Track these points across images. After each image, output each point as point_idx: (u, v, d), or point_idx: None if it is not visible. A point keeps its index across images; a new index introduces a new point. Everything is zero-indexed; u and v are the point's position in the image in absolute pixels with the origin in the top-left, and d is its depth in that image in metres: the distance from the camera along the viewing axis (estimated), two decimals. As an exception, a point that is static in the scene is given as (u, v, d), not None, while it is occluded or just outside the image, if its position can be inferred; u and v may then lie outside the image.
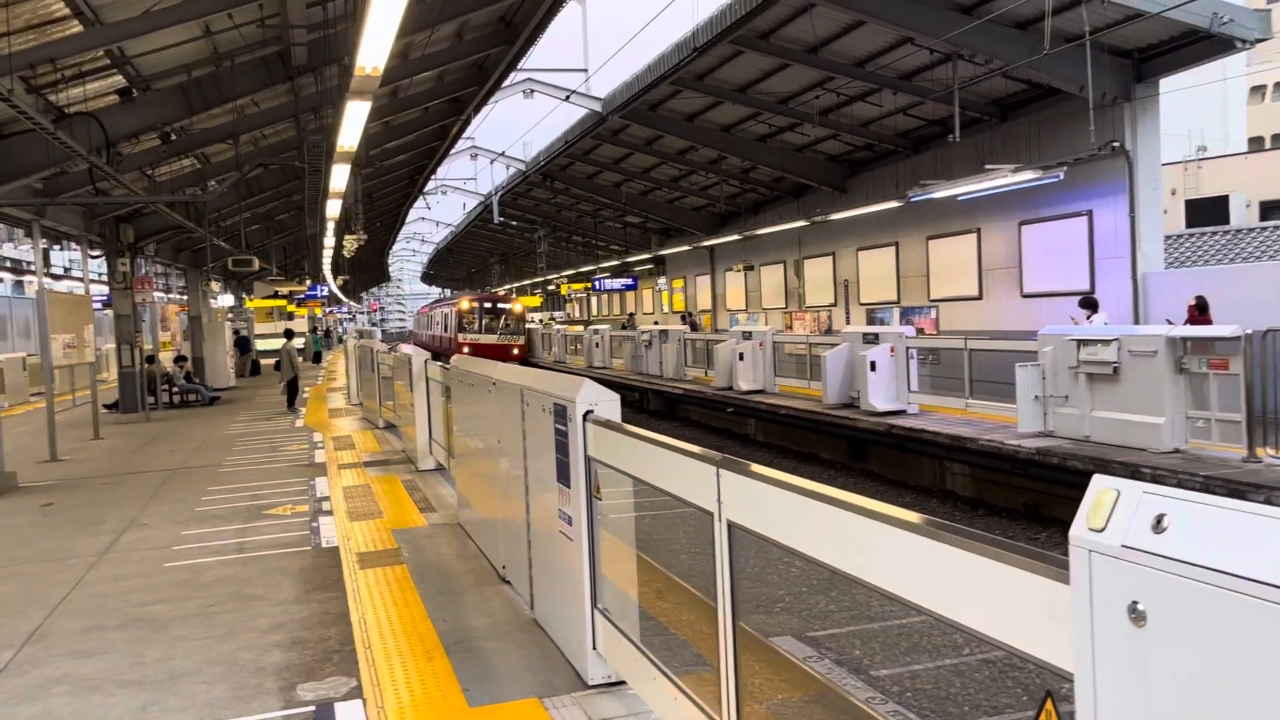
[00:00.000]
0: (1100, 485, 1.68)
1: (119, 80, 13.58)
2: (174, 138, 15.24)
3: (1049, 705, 1.87)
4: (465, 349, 34.63)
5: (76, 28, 11.43)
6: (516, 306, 39.59)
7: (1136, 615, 1.55)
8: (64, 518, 9.81)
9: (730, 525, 3.23)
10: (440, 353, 31.86)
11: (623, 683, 4.59)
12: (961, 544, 2.05)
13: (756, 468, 3.12)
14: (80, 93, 12.61)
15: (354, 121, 10.44)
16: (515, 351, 36.70)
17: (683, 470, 3.60)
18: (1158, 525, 1.54)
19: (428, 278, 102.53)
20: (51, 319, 14.37)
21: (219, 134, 16.61)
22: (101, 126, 12.49)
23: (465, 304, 38.63)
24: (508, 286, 63.96)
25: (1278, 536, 1.39)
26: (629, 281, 43.31)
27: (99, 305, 32.78)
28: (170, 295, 39.78)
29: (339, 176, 14.44)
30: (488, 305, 38.87)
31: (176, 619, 6.19)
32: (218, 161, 20.14)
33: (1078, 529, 1.67)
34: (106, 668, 5.35)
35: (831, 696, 5.30)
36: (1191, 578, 1.46)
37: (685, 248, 35.67)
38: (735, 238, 31.07)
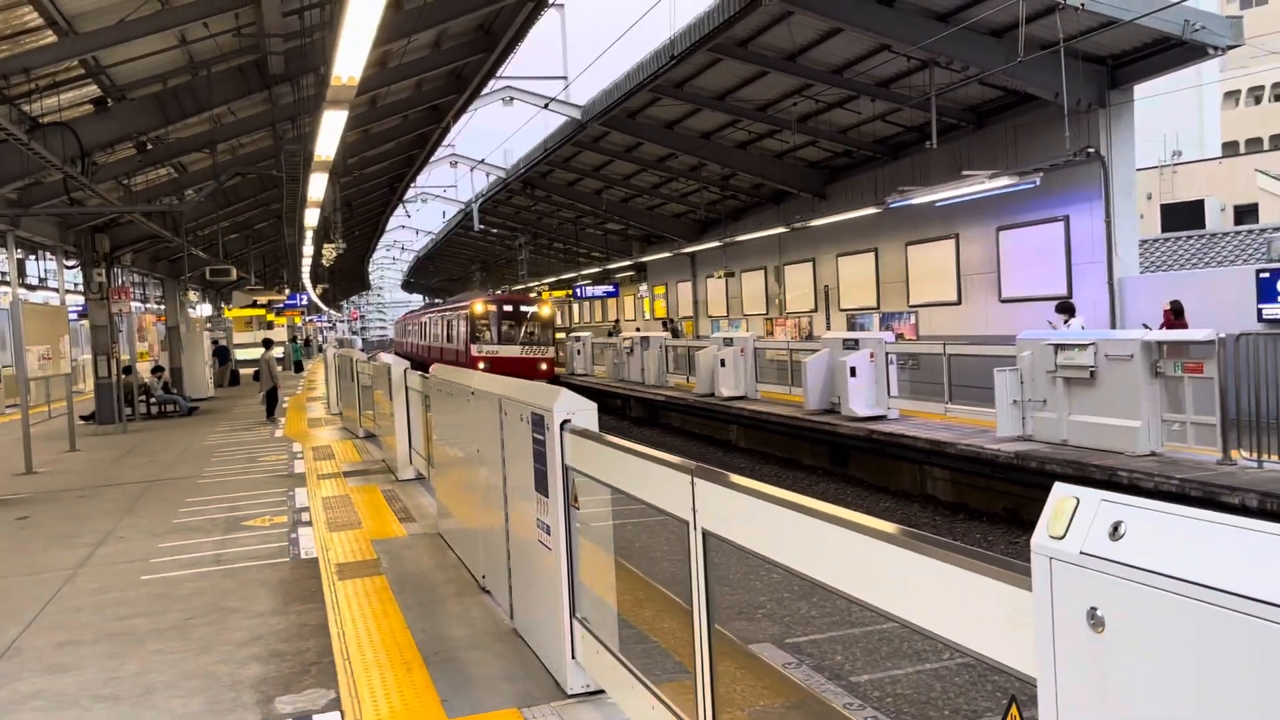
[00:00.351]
0: (1060, 493, 1.70)
1: (94, 90, 13.49)
2: (150, 147, 15.16)
3: (1014, 711, 1.89)
4: (481, 364, 27.74)
5: (50, 38, 11.35)
6: (545, 309, 31.56)
7: (1095, 621, 1.57)
8: (39, 531, 9.72)
9: (705, 534, 3.25)
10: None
11: (602, 691, 4.60)
12: (928, 551, 2.07)
13: (731, 477, 3.14)
14: (54, 103, 12.51)
15: (331, 130, 10.42)
16: (544, 367, 29.36)
17: (658, 479, 3.61)
18: (1115, 532, 1.57)
19: (408, 286, 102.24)
20: (26, 330, 14.25)
21: (196, 143, 16.53)
22: (76, 136, 12.41)
23: (480, 307, 30.53)
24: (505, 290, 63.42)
25: (1230, 543, 1.42)
26: (610, 288, 43.33)
27: (75, 316, 32.48)
28: (148, 305, 39.50)
29: (317, 185, 14.39)
30: (508, 309, 30.84)
31: (153, 632, 6.14)
32: (195, 171, 20.03)
33: (1039, 536, 1.69)
34: (81, 682, 5.30)
35: (810, 702, 5.32)
36: (1147, 584, 1.48)
37: (666, 254, 35.70)
38: (716, 244, 31.15)
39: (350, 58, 7.48)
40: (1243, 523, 1.43)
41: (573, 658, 4.72)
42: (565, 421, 4.65)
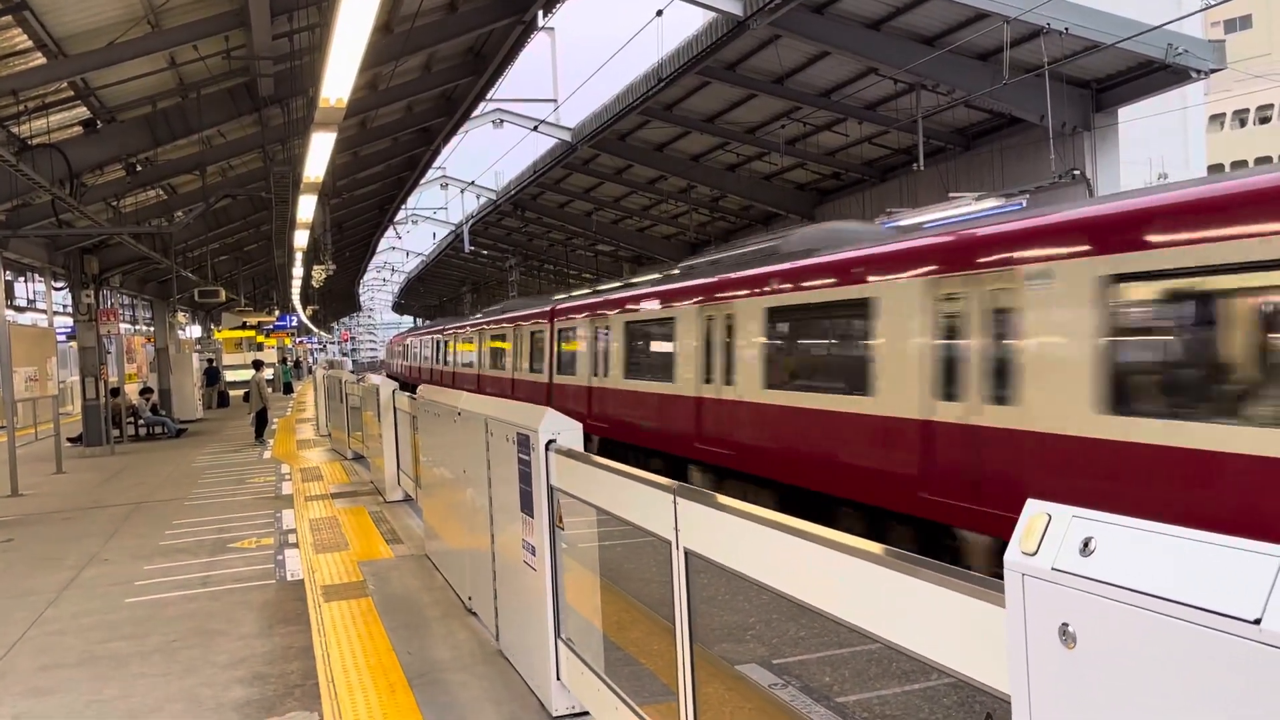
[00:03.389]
0: (1033, 510, 1.71)
1: (83, 111, 13.53)
2: (139, 169, 15.17)
3: (989, 728, 1.89)
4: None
5: (39, 60, 11.39)
6: None
7: (1067, 637, 1.58)
8: (24, 554, 9.65)
9: (688, 553, 3.25)
10: None
11: (586, 713, 4.57)
12: (906, 569, 2.08)
13: (713, 496, 3.14)
14: (44, 124, 12.54)
15: (319, 152, 10.46)
16: None
17: (641, 499, 3.62)
18: (1085, 548, 1.58)
19: (399, 307, 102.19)
20: (14, 352, 14.18)
21: (185, 165, 16.56)
22: (65, 158, 12.42)
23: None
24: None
25: (1198, 559, 1.43)
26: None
27: (63, 337, 32.40)
28: (137, 327, 39.43)
29: (306, 207, 14.42)
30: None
31: (136, 655, 6.09)
32: (185, 192, 20.05)
33: (1011, 553, 1.70)
34: (63, 706, 5.25)
35: (796, 724, 5.30)
36: (1116, 599, 1.49)
37: (656, 276, 35.76)
38: (705, 265, 31.21)
39: (338, 80, 7.52)
40: (1212, 538, 1.45)
41: (558, 679, 4.70)
42: (550, 441, 4.66)
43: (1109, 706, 1.52)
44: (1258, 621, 1.28)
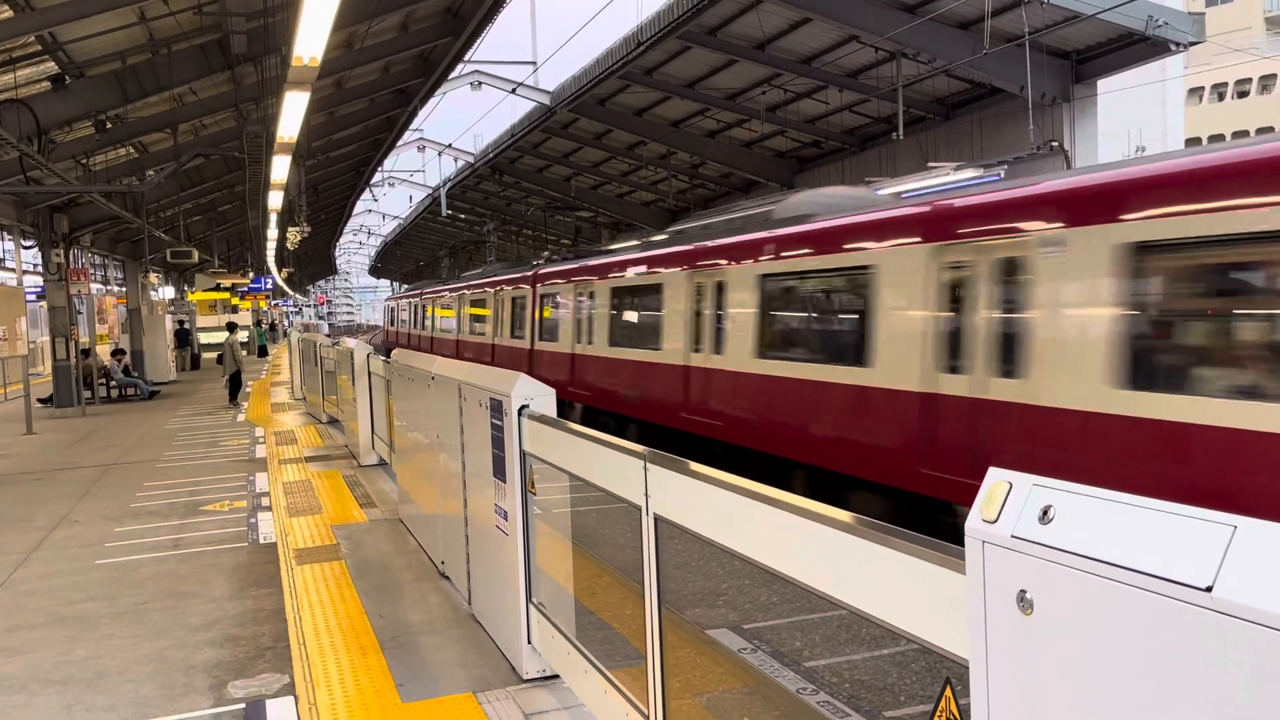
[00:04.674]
0: (994, 477, 1.73)
1: (51, 67, 13.24)
2: (109, 126, 14.90)
3: (948, 692, 1.92)
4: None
5: (7, 12, 11.12)
6: None
7: (1024, 603, 1.60)
8: (-8, 515, 9.57)
9: (657, 519, 3.26)
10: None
11: (557, 676, 4.61)
12: (869, 535, 2.09)
13: (683, 463, 3.15)
14: (10, 79, 12.28)
15: (293, 112, 10.30)
16: None
17: (612, 464, 3.62)
18: (1044, 516, 1.59)
19: (376, 270, 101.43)
20: (-19, 311, 13.98)
21: (156, 123, 16.27)
22: (33, 114, 12.17)
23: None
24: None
25: (1154, 527, 1.44)
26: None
27: (33, 297, 31.95)
28: (109, 287, 38.94)
29: (280, 168, 14.23)
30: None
31: (106, 617, 6.07)
32: (156, 151, 19.72)
33: (972, 520, 1.71)
34: (31, 667, 5.24)
35: (764, 687, 5.36)
36: (1073, 566, 1.51)
37: (635, 243, 35.61)
38: (684, 232, 31.13)
39: (311, 38, 7.39)
40: (1168, 507, 1.46)
41: (529, 643, 4.73)
42: (523, 407, 4.65)
43: (1064, 672, 1.54)
44: (1209, 589, 1.30)
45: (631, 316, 13.71)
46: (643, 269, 13.37)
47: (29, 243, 21.17)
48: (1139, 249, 5.96)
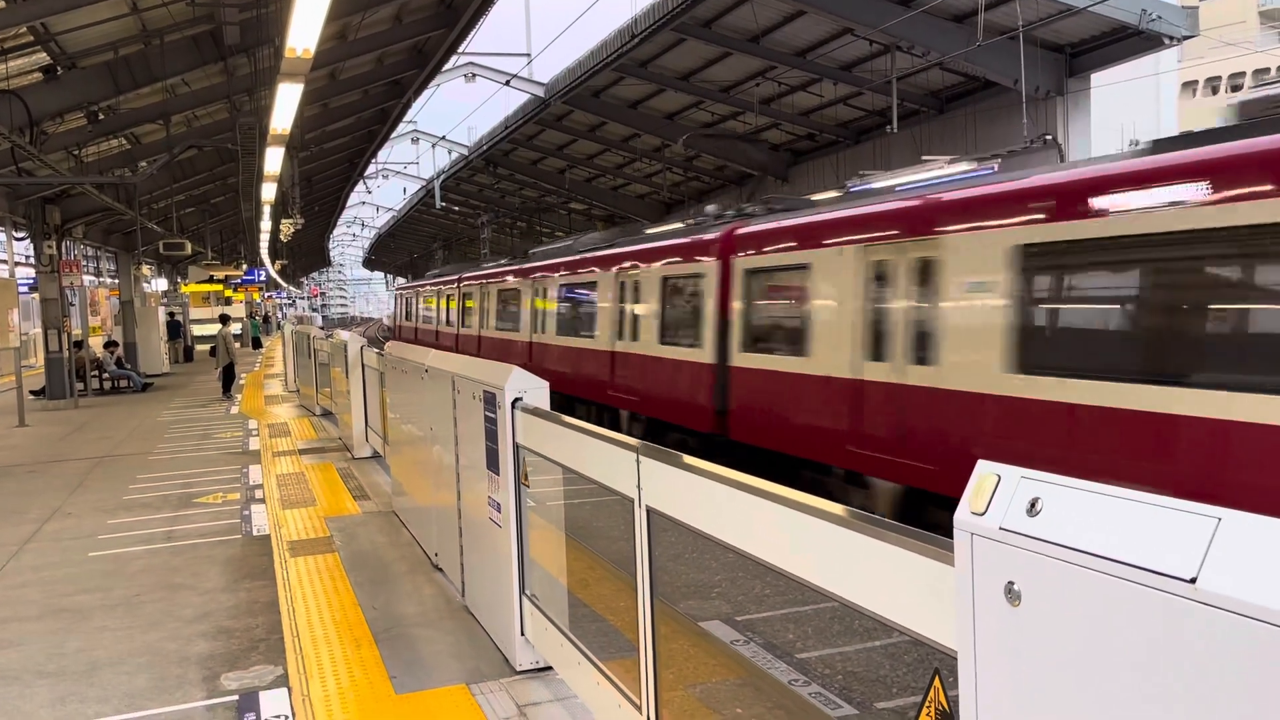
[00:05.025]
0: (983, 470, 1.74)
1: (43, 57, 13.19)
2: (101, 117, 14.85)
3: (936, 683, 1.93)
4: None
5: (-3, 3, 11.07)
6: None
7: (1012, 595, 1.61)
8: (-15, 507, 9.56)
9: (650, 511, 3.27)
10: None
11: (550, 668, 4.62)
12: (860, 528, 2.10)
13: (677, 455, 3.16)
14: (2, 70, 12.22)
15: (287, 104, 10.28)
16: None
17: (605, 457, 3.63)
18: (1032, 509, 1.60)
19: (369, 263, 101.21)
20: (-27, 303, 13.94)
21: (149, 114, 16.22)
22: (25, 105, 12.13)
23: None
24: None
25: (1140, 520, 1.46)
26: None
27: (25, 289, 31.86)
28: (101, 279, 38.81)
29: (273, 159, 14.20)
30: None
31: (100, 609, 6.08)
32: (149, 142, 19.66)
33: (961, 512, 1.72)
34: (24, 659, 5.24)
35: (756, 679, 5.38)
36: (1060, 558, 1.52)
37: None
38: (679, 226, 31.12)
39: (304, 29, 7.37)
40: (1154, 499, 1.47)
41: (522, 635, 4.74)
42: (517, 400, 4.66)
43: (1051, 663, 1.56)
44: (1194, 580, 1.32)
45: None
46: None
47: (21, 234, 21.08)
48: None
